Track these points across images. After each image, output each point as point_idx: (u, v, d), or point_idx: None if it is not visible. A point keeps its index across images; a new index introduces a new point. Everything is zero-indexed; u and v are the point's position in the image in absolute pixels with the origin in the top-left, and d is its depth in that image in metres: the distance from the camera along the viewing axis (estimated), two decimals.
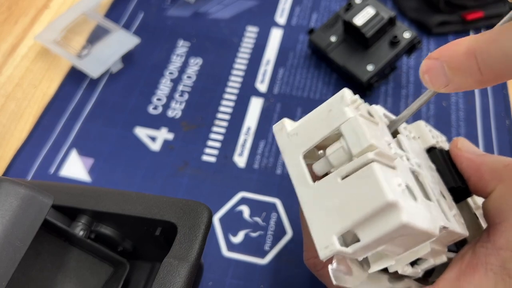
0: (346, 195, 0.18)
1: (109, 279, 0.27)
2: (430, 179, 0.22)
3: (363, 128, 0.18)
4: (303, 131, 0.20)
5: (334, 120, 0.19)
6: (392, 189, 0.17)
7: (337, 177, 0.18)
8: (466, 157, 0.23)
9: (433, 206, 0.20)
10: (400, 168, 0.19)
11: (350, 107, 0.19)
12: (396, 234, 0.17)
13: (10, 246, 0.20)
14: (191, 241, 0.23)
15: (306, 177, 0.19)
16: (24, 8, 0.50)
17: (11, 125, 0.41)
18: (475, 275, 0.21)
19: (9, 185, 0.21)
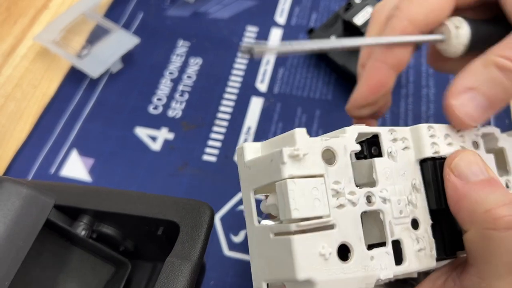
0: (273, 252, 0.19)
1: (111, 279, 0.27)
2: (396, 213, 0.20)
3: (289, 198, 0.18)
4: (254, 168, 0.20)
5: (273, 172, 0.19)
6: (308, 264, 0.17)
7: (270, 232, 0.19)
8: (452, 182, 0.21)
9: (379, 255, 0.19)
10: (342, 223, 0.19)
11: (287, 165, 0.18)
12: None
13: (12, 246, 0.20)
14: (193, 240, 0.23)
15: (252, 215, 0.20)
16: (23, 8, 0.50)
17: (10, 126, 0.41)
18: None
19: (11, 184, 0.21)
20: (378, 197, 0.20)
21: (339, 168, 0.20)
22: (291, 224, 0.18)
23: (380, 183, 0.21)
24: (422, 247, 0.21)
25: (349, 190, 0.20)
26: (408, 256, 0.20)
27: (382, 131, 0.22)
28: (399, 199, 0.21)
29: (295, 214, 0.18)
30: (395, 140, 0.22)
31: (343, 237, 0.19)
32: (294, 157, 0.18)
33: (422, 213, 0.22)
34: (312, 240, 0.18)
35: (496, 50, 0.22)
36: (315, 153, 0.19)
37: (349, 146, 0.20)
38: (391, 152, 0.22)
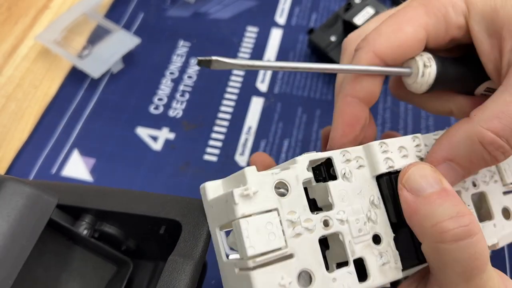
0: (239, 286, 0.20)
1: (113, 278, 0.27)
2: (355, 232, 0.21)
3: (243, 237, 0.18)
4: (215, 207, 0.22)
5: (228, 212, 0.20)
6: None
7: (235, 267, 0.20)
8: (404, 197, 0.21)
9: (341, 275, 0.20)
10: (300, 251, 0.20)
11: (239, 205, 0.19)
12: None
13: (16, 245, 0.20)
14: (196, 238, 0.23)
15: (220, 251, 0.22)
16: (24, 8, 0.50)
17: (12, 126, 0.41)
18: None
19: (15, 184, 0.21)
20: (336, 220, 0.21)
21: (292, 198, 0.20)
22: (249, 261, 0.19)
23: (336, 205, 0.21)
24: (386, 261, 0.21)
25: (305, 218, 0.20)
26: (372, 272, 0.21)
27: (334, 155, 0.22)
28: (357, 218, 0.21)
29: (250, 251, 0.18)
30: (348, 161, 0.22)
31: (302, 264, 0.19)
32: (245, 196, 0.19)
33: (383, 227, 0.22)
34: (271, 273, 0.19)
35: (483, 121, 0.21)
36: (266, 189, 0.20)
37: (301, 175, 0.21)
38: (345, 174, 0.22)
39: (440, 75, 0.24)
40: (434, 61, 0.23)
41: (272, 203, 0.20)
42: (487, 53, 0.23)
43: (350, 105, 0.24)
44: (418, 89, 0.24)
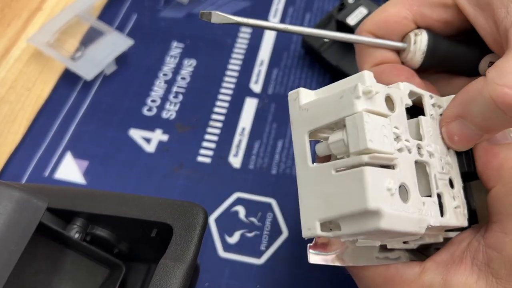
0: (336, 188, 0.18)
1: (105, 281, 0.27)
2: (439, 168, 0.21)
3: (364, 128, 0.18)
4: (313, 109, 0.20)
5: (343, 108, 0.19)
6: (378, 195, 0.17)
7: (332, 169, 0.19)
8: (481, 145, 0.22)
9: (429, 203, 0.20)
10: (402, 166, 0.19)
11: (361, 100, 0.18)
12: (374, 233, 0.18)
13: (5, 250, 0.20)
14: (187, 242, 0.23)
15: (306, 157, 0.20)
16: (17, 10, 0.50)
17: (4, 129, 0.41)
18: (461, 266, 0.21)
19: (3, 188, 0.21)
20: (426, 151, 0.21)
21: (398, 115, 0.20)
22: (363, 156, 0.18)
23: (426, 138, 0.22)
24: (458, 205, 0.22)
25: (405, 138, 0.20)
26: (448, 211, 0.21)
27: (425, 94, 0.23)
28: (440, 157, 0.22)
29: (370, 144, 0.18)
30: (434, 105, 0.23)
31: (403, 178, 0.19)
32: (367, 93, 0.19)
33: (456, 175, 0.22)
34: (381, 175, 0.18)
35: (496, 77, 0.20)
36: (381, 96, 0.20)
37: (404, 99, 0.21)
38: (433, 115, 0.23)
39: (433, 44, 0.24)
40: (425, 32, 0.25)
41: (386, 110, 0.20)
42: (483, 26, 0.23)
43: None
44: (413, 59, 0.25)
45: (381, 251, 0.23)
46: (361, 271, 0.23)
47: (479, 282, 0.21)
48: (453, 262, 0.22)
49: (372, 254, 0.23)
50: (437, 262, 0.22)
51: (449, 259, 0.22)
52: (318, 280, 0.33)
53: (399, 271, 0.22)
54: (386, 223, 0.17)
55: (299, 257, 0.34)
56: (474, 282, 0.21)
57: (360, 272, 0.23)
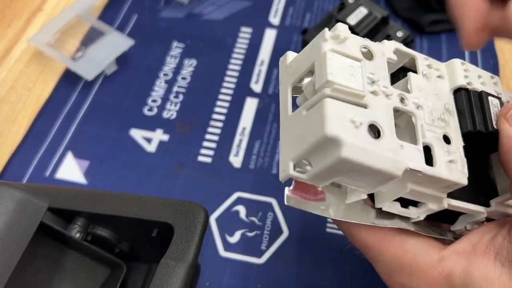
0: (304, 126, 0.19)
1: (106, 281, 0.27)
2: (428, 120, 0.21)
3: (326, 64, 0.19)
4: (294, 64, 0.21)
5: (313, 54, 0.20)
6: (338, 124, 0.18)
7: (303, 110, 0.19)
8: (507, 131, 0.21)
9: (409, 148, 0.20)
10: (374, 106, 0.19)
11: (328, 42, 0.19)
12: (342, 167, 0.18)
13: (6, 250, 0.20)
14: (187, 241, 0.23)
15: (287, 107, 0.21)
16: (18, 10, 0.50)
17: (5, 129, 0.41)
18: (484, 259, 0.21)
19: (5, 188, 0.21)
20: (412, 102, 0.21)
21: (376, 65, 0.21)
22: (325, 89, 0.18)
23: (414, 92, 0.21)
24: (454, 160, 0.21)
25: (384, 85, 0.20)
26: (438, 162, 0.20)
27: (418, 56, 0.23)
28: (431, 110, 0.21)
29: (330, 77, 0.18)
30: (429, 66, 0.23)
31: (375, 118, 0.19)
32: (335, 38, 0.20)
33: (454, 133, 0.22)
34: (344, 107, 0.18)
35: None
36: (354, 43, 0.20)
37: (387, 53, 0.21)
38: (426, 74, 0.22)
39: None
40: None
41: (359, 55, 0.20)
42: None
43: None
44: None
45: (379, 217, 0.23)
46: (377, 254, 0.23)
47: (501, 277, 0.20)
48: (475, 254, 0.21)
49: (368, 216, 0.23)
50: (457, 252, 0.22)
51: (471, 250, 0.22)
52: (319, 280, 0.33)
53: (416, 256, 0.22)
54: (347, 152, 0.17)
55: (300, 257, 0.34)
56: (496, 277, 0.20)
57: (376, 256, 0.23)
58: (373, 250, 0.23)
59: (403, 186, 0.21)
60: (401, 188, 0.21)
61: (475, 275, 0.21)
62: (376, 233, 0.23)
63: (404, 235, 0.23)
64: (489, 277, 0.21)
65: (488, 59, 0.45)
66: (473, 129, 0.22)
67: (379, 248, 0.23)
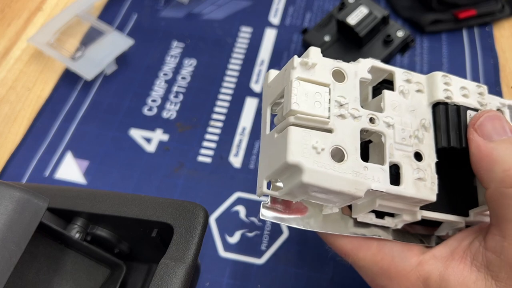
0: (275, 148, 0.20)
1: (106, 281, 0.27)
2: (398, 139, 0.21)
3: (291, 93, 0.20)
4: (272, 85, 0.22)
5: (284, 80, 0.21)
6: (299, 151, 0.19)
7: (275, 132, 0.21)
8: (475, 141, 0.21)
9: (374, 168, 0.20)
10: (340, 130, 0.20)
11: (296, 70, 0.20)
12: (306, 189, 0.20)
13: (5, 250, 0.20)
14: (187, 242, 0.23)
15: (266, 125, 0.22)
16: (17, 10, 0.50)
17: (5, 129, 0.41)
18: (460, 264, 0.21)
19: (4, 188, 0.21)
20: (382, 122, 0.22)
21: (347, 86, 0.21)
22: (290, 117, 0.20)
23: (387, 111, 0.22)
24: (422, 177, 0.21)
25: (353, 107, 0.21)
26: (405, 181, 0.21)
27: (397, 71, 0.23)
28: (403, 129, 0.22)
29: (294, 106, 0.20)
30: (408, 81, 0.23)
31: (339, 141, 0.20)
32: (304, 65, 0.21)
33: (428, 149, 0.22)
34: (307, 134, 0.20)
35: None
36: (325, 68, 0.21)
37: (360, 72, 0.22)
38: (403, 90, 0.23)
39: None
40: None
41: (327, 80, 0.21)
42: None
43: None
44: None
45: (357, 226, 0.24)
46: (356, 260, 0.23)
47: (477, 283, 0.21)
48: (452, 259, 0.22)
49: (346, 226, 0.24)
50: (436, 256, 0.22)
51: (449, 256, 0.22)
52: (319, 280, 0.33)
53: (394, 260, 0.23)
54: (308, 177, 0.19)
55: (300, 257, 0.34)
56: (472, 283, 0.21)
57: (356, 261, 0.23)
58: (352, 257, 0.23)
59: (373, 202, 0.22)
60: (371, 203, 0.22)
61: (450, 279, 0.21)
62: (353, 240, 0.23)
63: (382, 240, 0.23)
64: (464, 282, 0.21)
65: (488, 59, 0.45)
66: (447, 145, 0.22)
67: (358, 255, 0.23)
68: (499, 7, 0.47)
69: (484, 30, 0.47)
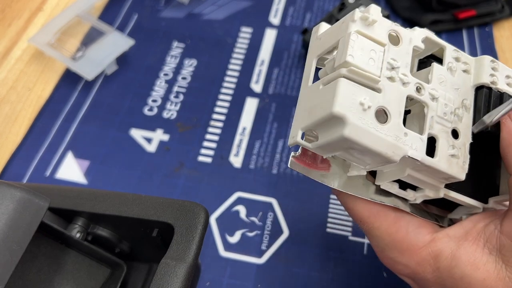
0: (318, 99, 0.20)
1: (107, 281, 0.27)
2: (440, 113, 0.22)
3: (348, 45, 0.19)
4: (323, 37, 0.22)
5: (340, 32, 0.21)
6: (346, 104, 0.19)
7: (320, 84, 0.20)
8: (508, 126, 0.21)
9: (413, 136, 0.20)
10: (388, 92, 0.20)
11: (356, 23, 0.20)
12: (344, 144, 0.19)
13: (6, 250, 0.20)
14: (188, 241, 0.23)
15: (309, 78, 0.22)
16: (18, 10, 0.50)
17: (5, 129, 0.41)
18: (473, 245, 0.22)
19: (5, 188, 0.21)
20: (428, 93, 0.21)
21: (400, 51, 0.21)
22: (342, 68, 0.19)
23: (433, 83, 0.22)
24: (456, 155, 0.22)
25: (403, 72, 0.21)
26: (439, 154, 0.21)
27: (448, 47, 0.23)
28: (446, 104, 0.22)
29: (349, 58, 0.19)
30: (457, 59, 0.23)
31: (386, 103, 0.20)
32: (364, 19, 0.20)
33: (465, 129, 0.22)
34: (357, 89, 0.19)
35: None
36: (383, 27, 0.21)
37: (415, 40, 0.22)
38: (451, 67, 0.23)
39: None
40: None
41: (383, 39, 0.21)
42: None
43: None
44: None
45: (377, 193, 0.24)
46: (371, 228, 0.23)
47: (487, 264, 0.21)
48: (465, 239, 0.22)
49: (367, 191, 0.24)
50: (449, 235, 0.22)
51: (462, 236, 0.22)
52: (319, 280, 0.33)
53: (409, 235, 0.23)
54: (350, 131, 0.19)
55: (300, 257, 0.34)
56: (482, 264, 0.21)
57: (370, 229, 0.24)
58: (368, 224, 0.24)
59: (402, 170, 0.21)
60: (400, 172, 0.22)
61: (461, 259, 0.21)
62: (372, 207, 0.24)
63: (399, 213, 0.24)
64: (475, 263, 0.21)
65: None
66: (485, 129, 0.22)
67: (374, 223, 0.23)
68: (499, 8, 0.47)
69: (484, 30, 0.48)
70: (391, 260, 0.23)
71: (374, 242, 0.24)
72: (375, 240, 0.24)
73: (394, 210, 0.24)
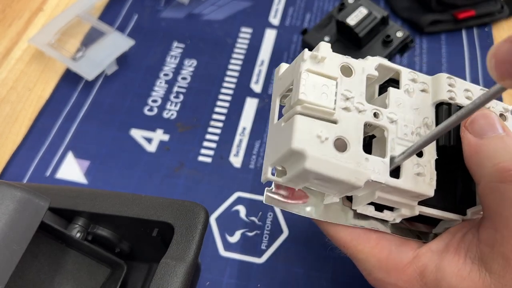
0: (281, 136, 0.21)
1: (107, 280, 0.27)
2: (400, 134, 0.22)
3: (300, 83, 0.21)
4: (283, 77, 0.23)
5: (294, 72, 0.22)
6: (304, 139, 0.20)
7: (282, 121, 0.22)
8: (467, 138, 0.22)
9: (375, 160, 0.21)
10: (344, 122, 0.21)
11: (306, 62, 0.21)
12: (309, 176, 0.20)
13: (7, 249, 0.20)
14: (188, 241, 0.23)
15: (274, 115, 0.23)
16: (18, 10, 0.50)
17: (5, 129, 0.41)
18: (455, 256, 0.22)
19: (5, 188, 0.21)
20: (386, 117, 0.22)
21: (353, 81, 0.22)
22: (297, 106, 0.20)
23: (391, 107, 0.23)
24: (422, 173, 0.22)
25: (358, 101, 0.22)
26: (404, 174, 0.22)
27: (403, 70, 0.24)
28: (406, 125, 0.23)
29: (302, 96, 0.20)
30: (414, 81, 0.24)
31: (343, 132, 0.21)
32: (313, 58, 0.21)
33: (428, 147, 0.23)
34: (312, 124, 0.20)
35: None
36: (334, 62, 0.22)
37: (367, 69, 0.23)
38: (408, 89, 0.23)
39: None
40: None
41: (335, 74, 0.22)
42: None
43: None
44: None
45: (356, 218, 0.24)
46: (355, 252, 0.24)
47: (471, 274, 0.21)
48: (447, 251, 0.22)
49: (346, 217, 0.24)
50: (432, 250, 0.23)
51: (444, 248, 0.22)
52: (319, 280, 0.33)
53: (392, 254, 0.23)
54: (311, 164, 0.20)
55: (300, 256, 0.34)
56: (466, 274, 0.21)
57: (354, 253, 0.24)
58: (351, 248, 0.24)
59: (372, 194, 0.22)
60: (370, 195, 0.22)
61: (446, 271, 0.22)
62: (353, 231, 0.24)
63: (381, 234, 0.24)
64: (459, 273, 0.21)
65: None
66: (448, 144, 0.23)
67: (357, 246, 0.24)
68: (498, 8, 0.47)
69: (483, 30, 0.48)
70: (380, 281, 0.24)
71: (361, 266, 0.24)
72: (361, 263, 0.24)
73: (375, 232, 0.24)
